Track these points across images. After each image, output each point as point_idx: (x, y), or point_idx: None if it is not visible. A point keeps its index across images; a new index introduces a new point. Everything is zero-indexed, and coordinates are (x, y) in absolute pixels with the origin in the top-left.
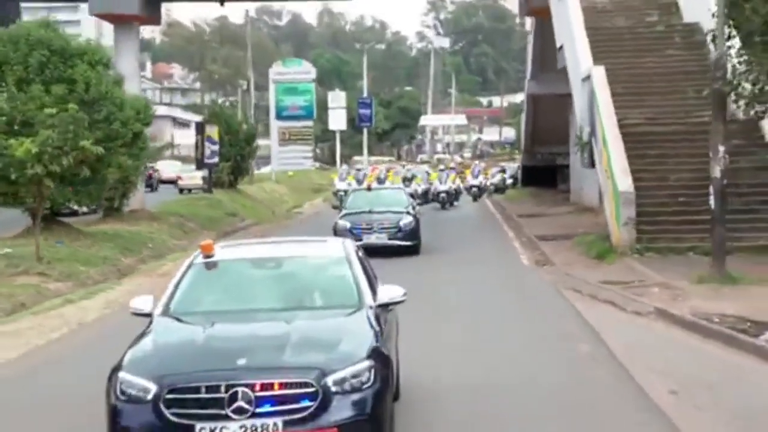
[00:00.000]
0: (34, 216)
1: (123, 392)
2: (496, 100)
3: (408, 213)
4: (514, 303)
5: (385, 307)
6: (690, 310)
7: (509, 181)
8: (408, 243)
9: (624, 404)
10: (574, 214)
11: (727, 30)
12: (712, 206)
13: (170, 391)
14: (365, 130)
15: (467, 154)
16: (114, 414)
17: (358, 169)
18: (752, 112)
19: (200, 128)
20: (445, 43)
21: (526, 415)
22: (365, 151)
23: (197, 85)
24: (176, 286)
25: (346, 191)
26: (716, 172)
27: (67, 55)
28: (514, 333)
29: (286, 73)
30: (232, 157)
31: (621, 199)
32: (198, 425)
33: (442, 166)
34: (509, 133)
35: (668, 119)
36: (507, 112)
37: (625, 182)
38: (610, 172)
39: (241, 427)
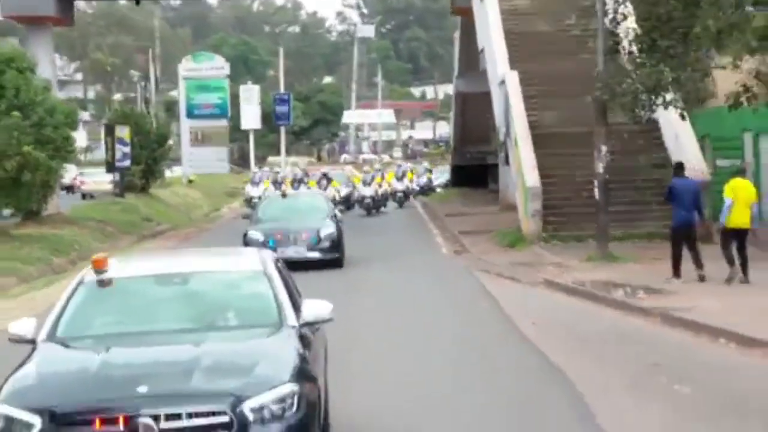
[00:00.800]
0: None
1: (2, 428)
2: (430, 91)
3: (329, 221)
4: (431, 282)
5: (310, 325)
6: (571, 279)
7: (417, 187)
8: (330, 256)
9: (499, 334)
10: (499, 213)
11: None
12: (597, 197)
13: (59, 425)
14: (282, 129)
15: (397, 153)
16: None
17: (276, 172)
18: (629, 116)
19: (109, 130)
20: (370, 31)
21: (433, 345)
22: (282, 151)
23: (79, 76)
24: (63, 308)
25: (260, 197)
26: (599, 168)
27: None
28: (429, 302)
29: (197, 69)
30: (144, 160)
31: (529, 194)
32: None
33: (366, 168)
34: (445, 129)
35: (578, 121)
36: (443, 104)
37: (532, 178)
38: (520, 170)
39: None
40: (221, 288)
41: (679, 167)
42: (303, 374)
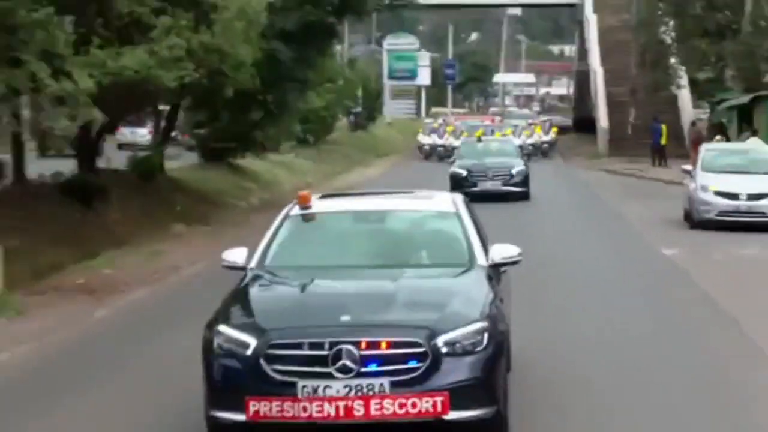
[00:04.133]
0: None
1: (221, 346)
2: (568, 49)
3: (520, 160)
4: (552, 174)
5: (497, 267)
6: (611, 168)
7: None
8: (520, 189)
9: (577, 184)
10: (594, 146)
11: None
12: (629, 132)
13: (271, 347)
14: (449, 87)
15: (536, 108)
16: (212, 368)
17: (440, 124)
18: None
19: None
20: (517, 11)
21: (558, 190)
22: (450, 104)
23: None
24: (271, 239)
25: (430, 145)
26: (630, 118)
27: None
28: (551, 178)
29: (397, 43)
30: (367, 108)
31: (602, 132)
32: (300, 383)
33: (514, 122)
34: None
35: (637, 93)
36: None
37: (604, 123)
38: (598, 119)
39: (345, 386)
40: (415, 227)
41: (656, 118)
42: (492, 313)
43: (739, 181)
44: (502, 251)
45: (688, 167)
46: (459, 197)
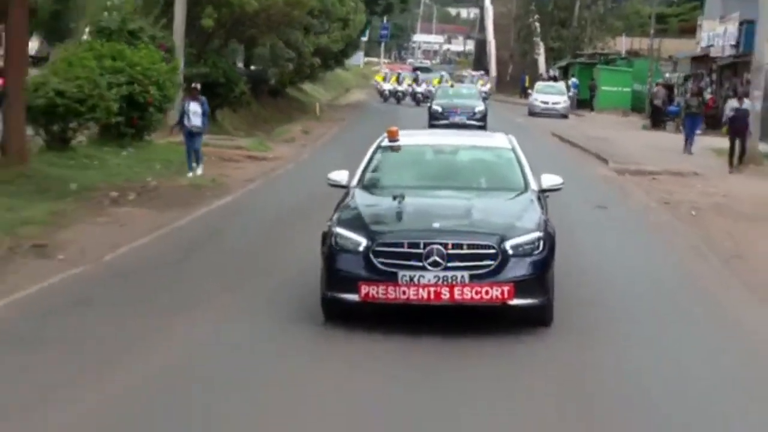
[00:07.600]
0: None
1: (338, 243)
2: (464, 12)
3: (481, 101)
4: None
5: (544, 191)
6: (499, 99)
7: None
8: (480, 123)
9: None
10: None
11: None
12: (508, 79)
13: (378, 245)
14: (382, 44)
15: (437, 60)
16: (331, 259)
17: (398, 73)
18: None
19: None
20: None
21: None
22: (382, 56)
23: None
24: (367, 164)
25: (389, 90)
26: (509, 71)
27: None
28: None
29: None
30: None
31: (492, 79)
32: (400, 272)
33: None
34: (470, 45)
35: (513, 57)
36: (474, 25)
37: (494, 73)
38: (491, 71)
39: (435, 276)
40: (481, 158)
41: (524, 72)
42: (545, 225)
43: (548, 96)
44: (549, 180)
45: (531, 91)
46: (512, 136)
